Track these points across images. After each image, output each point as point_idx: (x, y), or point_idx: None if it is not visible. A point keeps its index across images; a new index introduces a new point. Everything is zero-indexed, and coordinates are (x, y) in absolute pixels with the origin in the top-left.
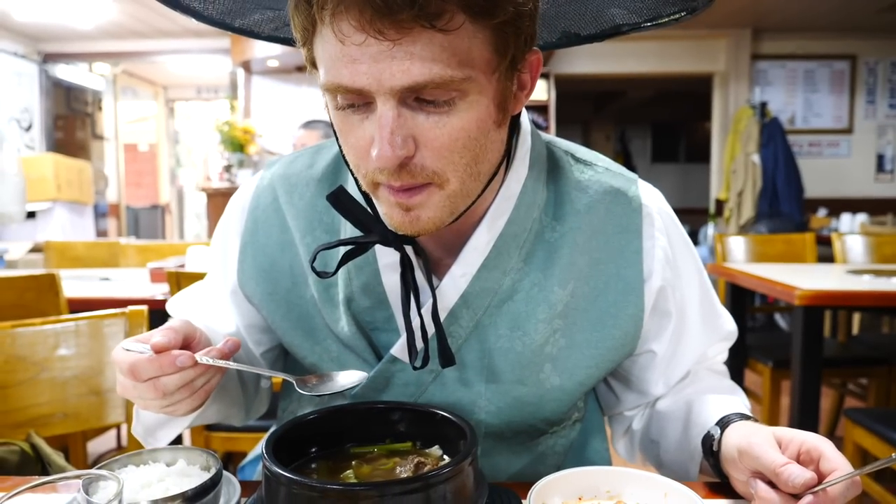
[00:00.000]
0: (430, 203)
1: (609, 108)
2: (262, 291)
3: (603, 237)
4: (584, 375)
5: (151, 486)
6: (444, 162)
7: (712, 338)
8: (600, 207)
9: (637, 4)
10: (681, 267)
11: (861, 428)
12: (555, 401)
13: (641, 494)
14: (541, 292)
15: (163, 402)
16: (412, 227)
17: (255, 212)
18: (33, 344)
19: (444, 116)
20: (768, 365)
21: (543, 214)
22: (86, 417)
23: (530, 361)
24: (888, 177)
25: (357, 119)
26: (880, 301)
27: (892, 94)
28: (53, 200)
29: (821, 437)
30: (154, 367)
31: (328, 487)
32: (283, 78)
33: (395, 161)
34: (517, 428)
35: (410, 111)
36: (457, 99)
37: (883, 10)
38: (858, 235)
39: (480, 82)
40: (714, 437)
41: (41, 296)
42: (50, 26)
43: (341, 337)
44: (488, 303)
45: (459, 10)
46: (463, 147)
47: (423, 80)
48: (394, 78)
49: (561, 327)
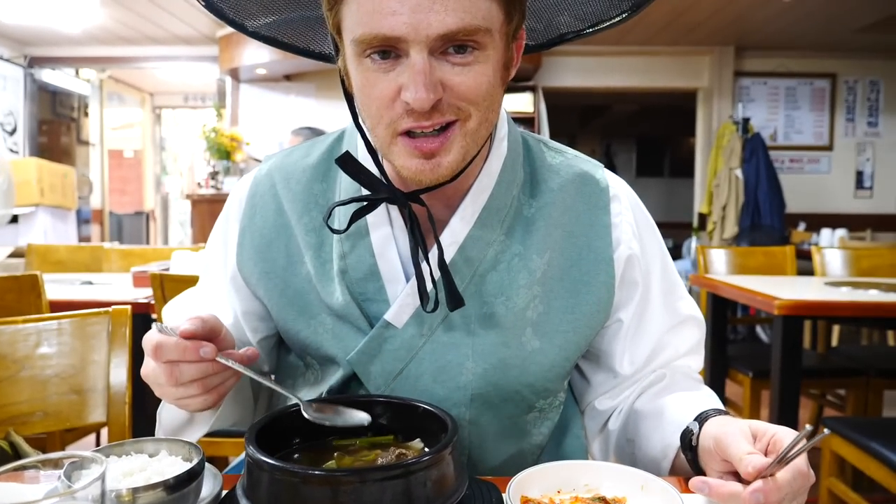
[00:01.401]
0: (451, 146)
1: (595, 123)
2: (259, 271)
3: (574, 213)
4: (563, 339)
5: (133, 475)
6: (468, 101)
7: (674, 317)
8: (571, 187)
9: (583, 11)
10: (646, 242)
11: (839, 437)
12: (536, 364)
13: (619, 487)
14: (521, 261)
15: (176, 391)
16: (432, 174)
17: (254, 199)
18: (14, 342)
19: (467, 66)
20: (748, 375)
21: (521, 193)
22: (66, 416)
23: (513, 325)
24: (867, 193)
25: (383, 72)
26: (857, 311)
27: (871, 112)
28: (36, 205)
29: (792, 431)
30: (177, 351)
31: (310, 473)
32: (271, 86)
33: (429, 102)
34: (504, 394)
35: (438, 62)
36: (478, 50)
37: (862, 31)
38: (837, 249)
39: (495, 39)
40: (693, 432)
41: (22, 297)
42: (36, 30)
43: (335, 308)
44: (474, 271)
45: None
46: (485, 92)
47: (455, 27)
48: (430, 26)
49: (539, 294)
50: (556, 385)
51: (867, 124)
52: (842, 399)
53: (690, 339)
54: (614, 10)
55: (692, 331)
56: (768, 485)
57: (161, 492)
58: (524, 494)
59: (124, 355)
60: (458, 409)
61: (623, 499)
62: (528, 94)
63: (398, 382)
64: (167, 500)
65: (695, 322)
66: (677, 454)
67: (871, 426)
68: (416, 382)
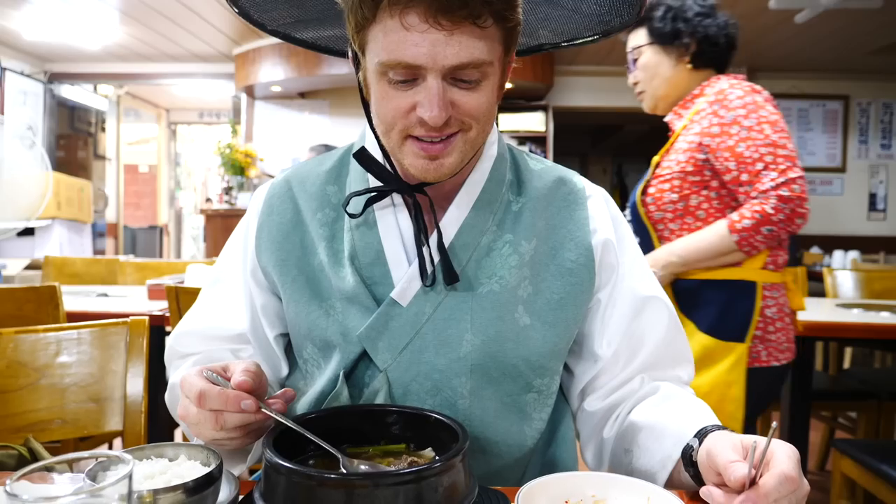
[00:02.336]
0: (454, 150)
1: (606, 143)
2: (275, 259)
3: (555, 208)
4: (552, 317)
5: (154, 478)
6: (471, 118)
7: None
8: (552, 186)
9: (561, 27)
10: (619, 231)
11: (849, 459)
12: (530, 339)
13: (625, 499)
14: (511, 247)
15: (217, 434)
16: (436, 173)
17: (271, 199)
18: (34, 350)
19: (472, 91)
20: None
21: (509, 191)
22: (84, 424)
23: (507, 301)
24: (880, 215)
25: (402, 89)
26: (868, 333)
27: (884, 134)
28: (53, 218)
29: (784, 443)
30: (221, 401)
31: (326, 477)
32: (286, 104)
33: (442, 119)
34: (502, 367)
35: (449, 86)
36: (481, 79)
37: (875, 53)
38: (849, 271)
39: (495, 68)
40: (693, 448)
41: (41, 308)
42: (57, 46)
43: (346, 291)
44: (470, 255)
45: (490, 15)
46: (486, 110)
47: (467, 60)
48: (447, 58)
49: (528, 276)
50: (550, 363)
51: (880, 146)
52: (853, 422)
53: (661, 321)
54: (587, 32)
55: (661, 312)
56: (755, 492)
57: (181, 494)
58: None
59: (141, 365)
60: (458, 378)
61: None
62: (540, 114)
63: (404, 356)
64: (186, 503)
65: (660, 302)
66: (675, 467)
67: (882, 449)
68: (420, 355)
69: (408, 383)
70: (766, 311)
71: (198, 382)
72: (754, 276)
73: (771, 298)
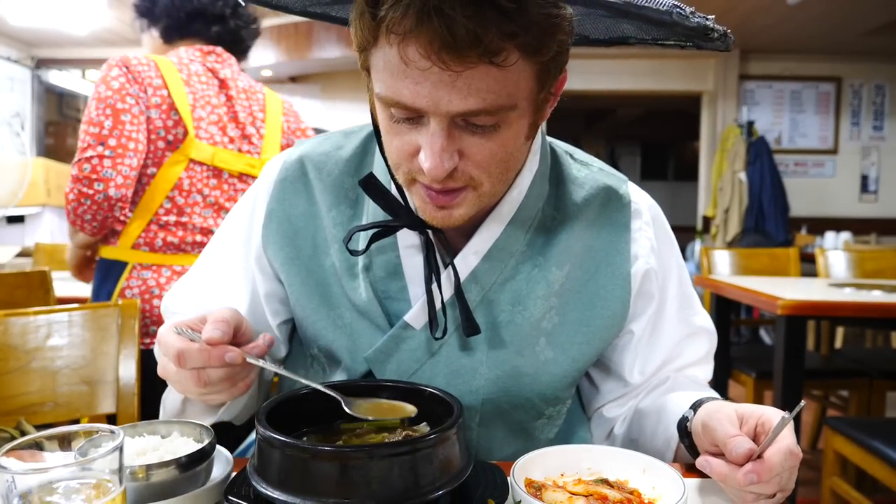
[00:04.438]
0: (464, 203)
1: (599, 126)
2: (284, 256)
3: (596, 228)
4: (577, 351)
5: (146, 454)
6: (482, 171)
7: (686, 328)
8: (595, 202)
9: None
10: (664, 256)
11: (841, 436)
12: (549, 374)
13: (621, 470)
14: (540, 272)
15: (202, 390)
16: (444, 222)
17: (283, 183)
18: (25, 333)
19: (487, 136)
20: (751, 375)
21: (546, 205)
22: (76, 407)
23: (528, 334)
24: (872, 197)
25: (406, 127)
26: (860, 312)
27: (876, 116)
28: (43, 205)
29: (777, 411)
30: (203, 359)
31: (320, 449)
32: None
33: (444, 172)
34: (515, 400)
35: (458, 130)
36: (499, 124)
37: (867, 34)
38: (841, 251)
39: (522, 108)
40: (688, 419)
41: (31, 293)
42: (44, 32)
43: (357, 304)
44: (494, 280)
45: (515, 49)
46: (501, 160)
47: (476, 108)
48: (451, 104)
49: (556, 305)
50: (566, 393)
51: (872, 128)
52: (844, 401)
53: (700, 350)
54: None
55: (702, 342)
56: (760, 465)
57: (174, 469)
58: (528, 477)
59: (134, 347)
60: (468, 412)
61: (626, 481)
62: None
63: None
64: (179, 479)
65: (706, 333)
66: (679, 445)
67: (874, 426)
68: (430, 383)
69: None
70: (126, 292)
71: (175, 342)
72: (125, 256)
73: (137, 279)
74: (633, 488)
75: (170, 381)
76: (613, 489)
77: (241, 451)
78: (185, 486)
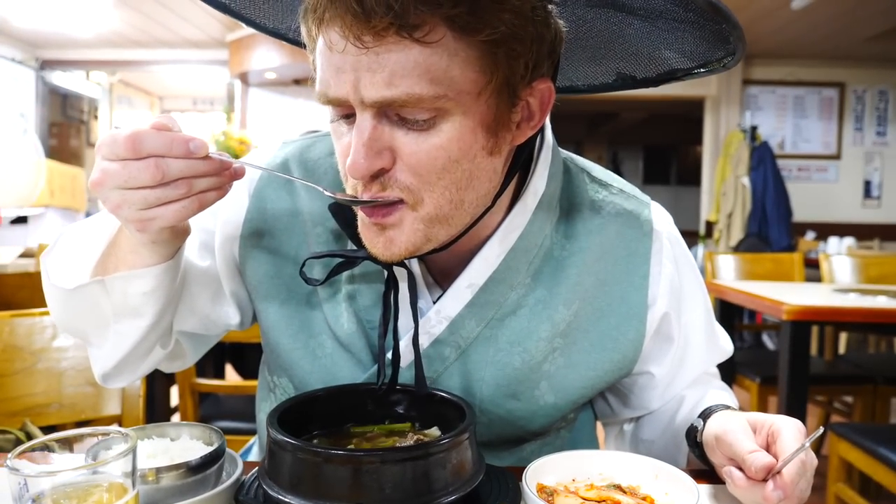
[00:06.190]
0: (403, 225)
1: (602, 130)
2: (262, 273)
3: (611, 259)
4: (579, 395)
5: (156, 457)
6: (419, 180)
7: (713, 359)
8: (611, 229)
9: (686, 48)
10: (686, 294)
11: (846, 442)
12: (546, 416)
13: (632, 476)
14: (545, 310)
15: (154, 192)
16: (387, 251)
17: (266, 190)
18: (31, 334)
19: (423, 134)
20: (755, 381)
21: (554, 231)
22: (81, 408)
23: (527, 377)
24: (875, 202)
25: (346, 129)
26: (865, 317)
27: (880, 121)
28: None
29: (789, 419)
30: (162, 142)
31: (332, 453)
32: (280, 90)
33: (365, 171)
34: (507, 439)
35: (390, 125)
36: (437, 118)
37: (871, 40)
38: (845, 257)
39: (464, 103)
40: (697, 429)
41: (35, 294)
42: (49, 33)
43: (339, 335)
44: (492, 315)
45: (441, 23)
46: (442, 168)
47: (399, 94)
48: (371, 89)
49: (561, 346)
50: (559, 425)
51: (875, 134)
52: (849, 406)
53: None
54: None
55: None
56: (782, 481)
57: (184, 472)
58: (540, 482)
59: None
60: None
61: (637, 487)
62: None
63: None
64: (190, 482)
65: (724, 353)
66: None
67: (879, 432)
68: None
69: None
70: None
71: (125, 129)
72: None
73: None
74: (646, 494)
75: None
76: (626, 495)
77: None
78: (196, 489)
